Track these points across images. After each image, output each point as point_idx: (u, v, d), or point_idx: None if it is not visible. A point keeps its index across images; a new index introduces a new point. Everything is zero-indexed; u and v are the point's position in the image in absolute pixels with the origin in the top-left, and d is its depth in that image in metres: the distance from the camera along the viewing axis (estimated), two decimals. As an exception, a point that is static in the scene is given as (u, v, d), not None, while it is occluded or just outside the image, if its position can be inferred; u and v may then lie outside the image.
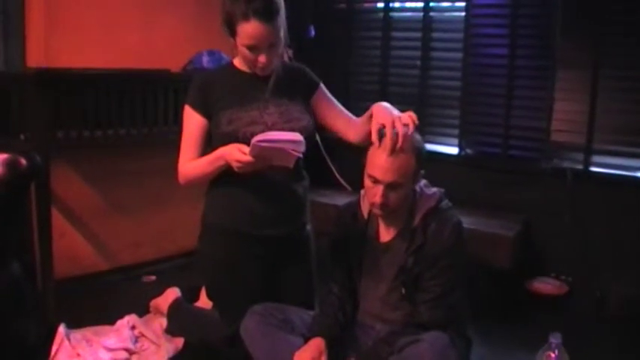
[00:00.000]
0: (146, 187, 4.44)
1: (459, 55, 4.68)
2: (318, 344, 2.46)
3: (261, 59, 2.48)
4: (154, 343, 3.37)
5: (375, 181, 2.34)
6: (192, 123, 2.60)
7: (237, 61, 2.64)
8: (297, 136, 2.37)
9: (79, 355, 3.17)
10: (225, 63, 2.74)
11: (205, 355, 3.19)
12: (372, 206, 2.43)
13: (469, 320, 2.60)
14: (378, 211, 2.42)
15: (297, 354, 2.45)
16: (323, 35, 5.20)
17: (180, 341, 3.35)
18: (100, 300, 3.95)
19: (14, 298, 2.94)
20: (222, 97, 2.57)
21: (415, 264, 2.40)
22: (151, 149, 4.20)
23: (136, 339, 3.40)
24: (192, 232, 3.03)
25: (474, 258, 3.56)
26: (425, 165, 2.46)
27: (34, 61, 3.82)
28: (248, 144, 2.35)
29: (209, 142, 2.61)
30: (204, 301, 3.40)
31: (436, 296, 2.39)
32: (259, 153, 2.31)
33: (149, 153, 4.25)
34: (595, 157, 4.18)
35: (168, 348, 3.30)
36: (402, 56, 5.05)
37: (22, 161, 2.93)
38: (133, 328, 3.47)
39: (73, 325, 3.38)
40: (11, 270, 2.95)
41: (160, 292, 3.63)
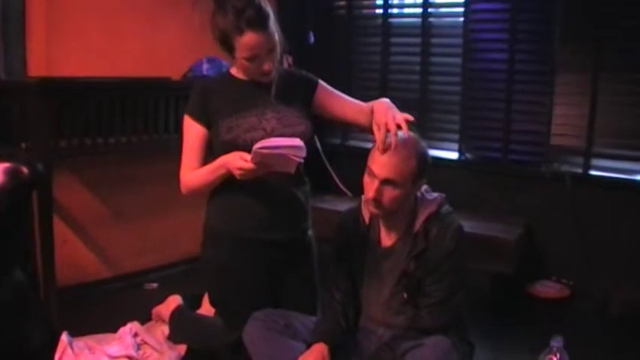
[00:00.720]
0: (148, 195, 4.45)
1: (458, 61, 4.70)
2: (320, 350, 2.46)
3: (265, 67, 2.49)
4: (156, 350, 3.37)
5: (372, 176, 2.35)
6: (193, 133, 2.61)
7: (234, 70, 2.65)
8: (297, 142, 2.38)
9: (81, 363, 3.18)
10: (224, 72, 2.75)
11: (208, 362, 3.19)
12: (366, 203, 2.44)
13: (470, 324, 2.61)
14: (372, 209, 2.42)
15: (299, 359, 2.46)
16: (322, 41, 5.21)
17: (183, 348, 3.35)
18: (103, 307, 3.96)
19: (17, 305, 2.93)
20: (221, 106, 2.58)
21: (417, 269, 2.41)
22: (153, 157, 4.21)
23: (139, 346, 3.40)
24: (194, 239, 3.04)
25: (475, 262, 3.58)
26: (425, 171, 2.46)
27: (35, 70, 3.83)
28: (248, 151, 2.36)
29: (210, 151, 2.62)
30: (206, 308, 3.40)
31: (438, 301, 2.39)
32: (261, 160, 2.32)
33: (151, 160, 4.26)
34: (595, 161, 4.20)
35: (170, 355, 3.30)
36: (402, 62, 5.07)
37: (24, 170, 2.94)
38: (135, 335, 3.47)
39: (75, 333, 3.38)
40: (14, 278, 2.95)
41: (163, 299, 3.64)
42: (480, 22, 4.61)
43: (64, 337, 3.28)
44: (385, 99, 2.56)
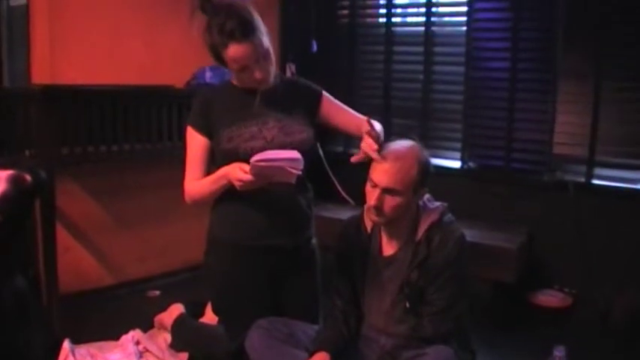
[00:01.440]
0: (150, 202, 4.46)
1: (461, 69, 4.70)
2: (322, 358, 2.46)
3: (257, 75, 2.49)
4: (158, 358, 3.37)
5: (374, 185, 2.35)
6: (195, 143, 2.62)
7: (235, 80, 2.66)
8: (294, 154, 2.38)
9: (84, 370, 3.18)
10: (225, 81, 2.75)
11: (210, 370, 3.19)
12: (367, 211, 2.45)
13: (473, 333, 2.61)
14: (373, 217, 2.42)
15: (301, 367, 2.46)
16: (325, 50, 5.23)
17: (185, 356, 3.35)
18: (105, 315, 3.96)
19: (19, 312, 2.94)
20: (222, 116, 2.59)
21: (419, 277, 2.41)
22: (156, 164, 4.22)
23: (141, 354, 3.41)
24: (196, 247, 3.04)
25: (477, 271, 3.57)
26: (426, 180, 2.46)
27: (38, 78, 3.84)
28: (248, 160, 2.36)
29: (213, 160, 2.63)
30: (209, 317, 3.40)
31: (440, 309, 2.39)
32: (259, 172, 2.33)
33: (153, 168, 4.27)
34: (597, 170, 4.19)
35: (172, 363, 3.31)
36: (405, 70, 5.08)
37: (27, 177, 2.95)
38: (137, 343, 3.47)
39: (77, 340, 3.39)
40: (16, 285, 2.96)
41: (165, 306, 3.64)
42: (483, 30, 4.62)
43: (66, 344, 3.28)
44: (377, 125, 2.56)
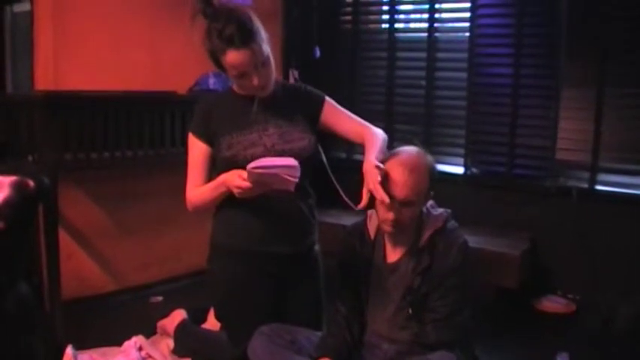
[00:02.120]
0: (153, 208, 4.45)
1: (463, 75, 4.71)
2: (325, 364, 2.46)
3: (255, 82, 2.49)
4: (161, 364, 3.37)
5: (390, 198, 2.34)
6: (196, 150, 2.63)
7: (236, 87, 2.66)
8: (291, 161, 2.37)
9: (86, 376, 3.18)
10: (226, 88, 2.76)
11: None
12: (383, 224, 2.43)
13: (476, 339, 2.60)
14: (388, 229, 2.42)
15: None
16: (328, 56, 5.23)
17: (188, 362, 3.35)
18: (108, 321, 3.96)
19: (22, 318, 2.94)
20: (222, 123, 2.59)
21: (422, 284, 2.40)
22: (159, 170, 4.22)
23: (144, 360, 3.41)
24: (199, 253, 3.04)
25: (480, 277, 3.57)
26: (431, 185, 2.47)
27: (42, 84, 3.85)
28: None
29: (214, 167, 2.63)
30: (212, 323, 3.40)
31: (443, 316, 2.39)
32: (257, 179, 2.32)
33: (156, 174, 4.27)
34: (600, 176, 4.19)
35: (175, 369, 3.30)
36: (408, 76, 5.08)
37: (30, 183, 2.95)
38: (140, 349, 3.47)
39: (80, 346, 3.38)
40: (19, 291, 2.95)
41: (168, 312, 3.64)
42: (486, 37, 4.62)
43: (68, 350, 3.28)
44: (377, 142, 2.55)
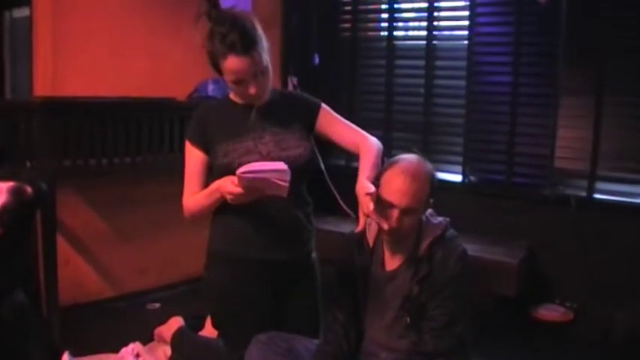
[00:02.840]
0: (151, 215, 4.45)
1: (462, 83, 4.71)
2: (322, 373, 2.45)
3: (251, 90, 2.49)
4: (158, 371, 3.37)
5: (390, 206, 2.33)
6: (193, 158, 2.63)
7: (232, 94, 2.66)
8: (281, 165, 2.36)
9: (83, 383, 3.17)
10: (223, 96, 2.76)
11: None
12: (383, 231, 2.43)
13: (474, 348, 2.60)
14: (388, 237, 2.41)
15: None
16: (327, 63, 5.24)
17: (185, 369, 3.35)
18: (105, 327, 3.95)
19: (19, 324, 2.93)
20: (218, 131, 2.59)
21: (420, 293, 2.40)
22: (157, 177, 4.22)
23: (140, 367, 3.40)
24: (196, 259, 3.03)
25: (478, 285, 3.56)
26: (431, 193, 2.47)
27: (41, 90, 3.85)
28: None
29: (211, 174, 2.63)
30: (209, 330, 3.39)
31: (441, 325, 2.38)
32: (248, 184, 2.32)
33: (155, 181, 4.26)
34: (599, 184, 4.19)
35: (172, 376, 3.29)
36: (406, 84, 5.08)
37: (28, 189, 2.95)
38: (137, 356, 3.47)
39: (77, 353, 3.38)
40: (16, 297, 2.95)
41: (165, 319, 3.63)
42: (484, 45, 4.63)
43: (65, 356, 3.27)
44: (372, 152, 2.58)
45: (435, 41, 4.87)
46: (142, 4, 4.34)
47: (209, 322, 3.31)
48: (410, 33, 5.18)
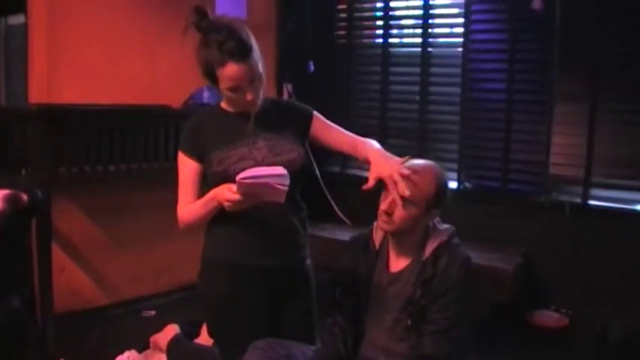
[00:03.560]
0: (146, 222, 4.45)
1: (457, 90, 4.72)
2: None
3: (248, 97, 2.51)
4: (153, 378, 3.36)
5: (388, 194, 2.36)
6: (186, 168, 2.63)
7: (224, 103, 2.67)
8: (280, 170, 2.37)
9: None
10: (213, 106, 2.76)
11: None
12: (379, 217, 2.44)
13: (469, 354, 2.60)
14: (383, 223, 2.42)
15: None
16: (322, 70, 5.24)
17: (180, 377, 3.34)
18: (100, 334, 3.94)
19: (14, 332, 2.93)
20: (211, 140, 2.60)
21: (423, 296, 2.40)
22: (152, 184, 4.22)
23: (136, 374, 3.40)
24: (192, 266, 3.02)
25: (474, 291, 3.56)
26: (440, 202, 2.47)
27: (36, 97, 3.85)
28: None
29: (205, 184, 2.63)
30: (204, 338, 3.39)
31: (441, 329, 2.38)
32: (247, 190, 2.32)
33: (150, 188, 4.26)
34: (594, 191, 4.20)
35: (168, 383, 3.29)
36: (401, 91, 5.10)
37: (24, 197, 2.95)
38: (132, 363, 3.47)
39: (72, 360, 3.38)
40: (11, 304, 2.95)
41: (160, 326, 3.63)
42: (479, 52, 4.64)
43: (61, 364, 3.27)
44: (376, 145, 2.57)
45: (430, 48, 4.88)
46: (137, 11, 4.35)
47: (205, 330, 3.30)
48: (405, 40, 5.19)
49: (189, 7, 2.48)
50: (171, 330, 3.55)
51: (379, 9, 5.19)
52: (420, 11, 4.92)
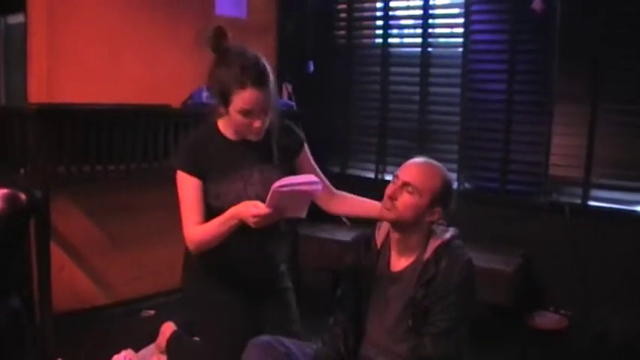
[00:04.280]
0: (145, 222, 4.44)
1: (457, 91, 4.72)
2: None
3: (256, 124, 2.53)
4: (151, 378, 3.36)
5: (396, 179, 2.41)
6: (189, 186, 2.61)
7: (222, 126, 2.68)
8: (312, 177, 2.42)
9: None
10: (211, 127, 2.74)
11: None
12: (382, 204, 2.44)
13: (468, 355, 2.60)
14: (385, 210, 2.42)
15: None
16: (322, 71, 5.24)
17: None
18: (99, 334, 3.94)
19: (13, 332, 2.93)
20: (209, 166, 2.62)
21: (424, 296, 2.40)
22: (152, 184, 4.20)
23: (134, 374, 3.39)
24: (191, 267, 3.03)
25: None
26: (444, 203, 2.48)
27: (36, 96, 3.84)
28: None
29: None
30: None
31: (442, 331, 2.38)
32: (278, 201, 2.33)
33: (149, 188, 4.25)
34: (593, 192, 4.19)
35: (166, 383, 3.28)
36: (401, 91, 5.09)
37: (22, 197, 2.95)
38: (129, 363, 3.46)
39: (71, 360, 3.38)
40: (10, 304, 2.95)
41: (159, 326, 3.62)
42: (479, 52, 4.63)
43: (59, 364, 3.27)
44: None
45: (430, 48, 4.88)
46: (137, 10, 4.34)
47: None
48: (405, 40, 5.19)
49: (189, 7, 2.48)
50: (168, 328, 3.53)
51: (379, 9, 5.19)
52: (420, 11, 4.91)
